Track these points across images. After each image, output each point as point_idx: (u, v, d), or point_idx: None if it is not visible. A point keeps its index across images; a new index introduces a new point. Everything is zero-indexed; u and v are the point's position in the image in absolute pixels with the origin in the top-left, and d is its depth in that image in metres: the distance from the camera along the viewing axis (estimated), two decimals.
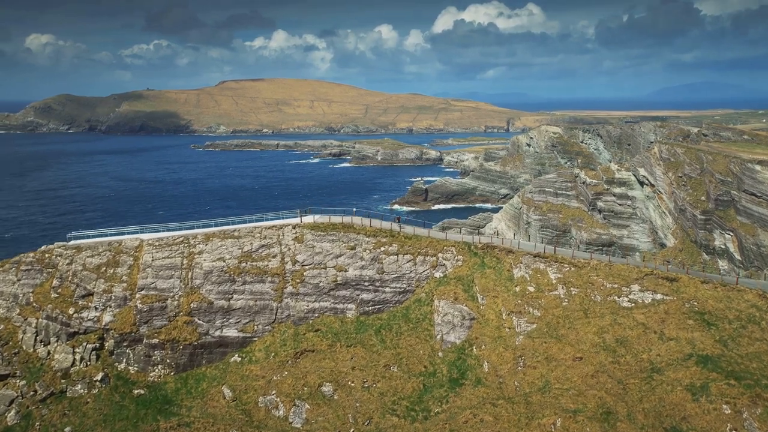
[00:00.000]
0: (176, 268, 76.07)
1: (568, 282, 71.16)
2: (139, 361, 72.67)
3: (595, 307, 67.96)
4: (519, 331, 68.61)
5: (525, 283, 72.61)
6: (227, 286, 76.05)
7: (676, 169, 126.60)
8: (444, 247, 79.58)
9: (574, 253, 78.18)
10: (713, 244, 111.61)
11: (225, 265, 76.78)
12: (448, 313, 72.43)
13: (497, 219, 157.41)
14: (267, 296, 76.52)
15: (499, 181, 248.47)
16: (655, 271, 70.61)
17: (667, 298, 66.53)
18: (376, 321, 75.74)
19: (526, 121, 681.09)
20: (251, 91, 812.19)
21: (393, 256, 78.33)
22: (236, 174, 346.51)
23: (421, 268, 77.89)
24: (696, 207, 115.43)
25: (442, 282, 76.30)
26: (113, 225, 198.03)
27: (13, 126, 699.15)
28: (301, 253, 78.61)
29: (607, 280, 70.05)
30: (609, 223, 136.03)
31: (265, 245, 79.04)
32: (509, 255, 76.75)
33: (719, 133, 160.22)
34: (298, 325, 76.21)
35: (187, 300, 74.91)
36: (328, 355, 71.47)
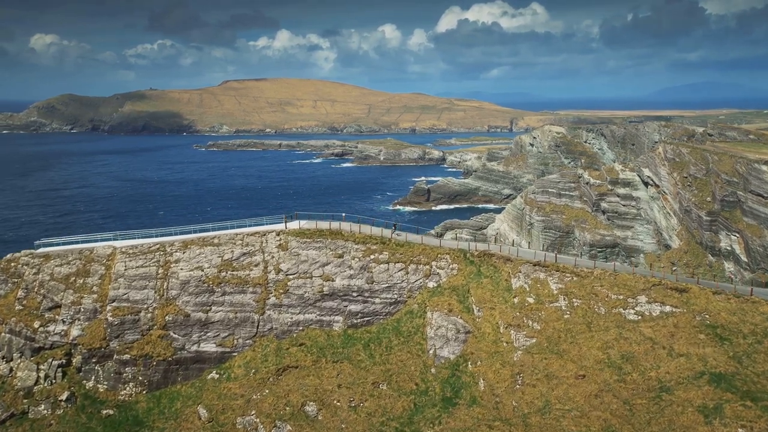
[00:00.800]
0: (151, 277, 71.78)
1: (570, 293, 67.04)
2: (108, 379, 68.12)
3: (599, 320, 63.86)
4: (517, 345, 64.46)
5: (524, 294, 68.50)
6: (205, 297, 71.87)
7: (681, 170, 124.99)
8: (438, 254, 75.32)
9: (576, 262, 73.94)
10: (719, 245, 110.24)
11: (203, 274, 72.64)
12: (441, 326, 68.37)
13: (500, 220, 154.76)
14: (248, 308, 72.37)
15: (502, 182, 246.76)
16: (664, 281, 66.40)
17: (676, 310, 62.48)
18: (365, 334, 71.52)
19: (530, 120, 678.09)
20: (254, 90, 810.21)
21: (383, 265, 74.26)
22: (238, 174, 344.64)
23: (413, 277, 73.88)
24: (701, 208, 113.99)
25: (436, 292, 72.18)
26: (113, 226, 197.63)
27: (17, 126, 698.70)
28: (285, 262, 74.51)
29: (612, 291, 65.83)
30: (613, 224, 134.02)
31: (246, 253, 74.91)
32: (507, 263, 72.51)
33: (725, 132, 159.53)
34: (281, 338, 72.01)
35: (162, 312, 70.62)
36: (312, 371, 66.97)
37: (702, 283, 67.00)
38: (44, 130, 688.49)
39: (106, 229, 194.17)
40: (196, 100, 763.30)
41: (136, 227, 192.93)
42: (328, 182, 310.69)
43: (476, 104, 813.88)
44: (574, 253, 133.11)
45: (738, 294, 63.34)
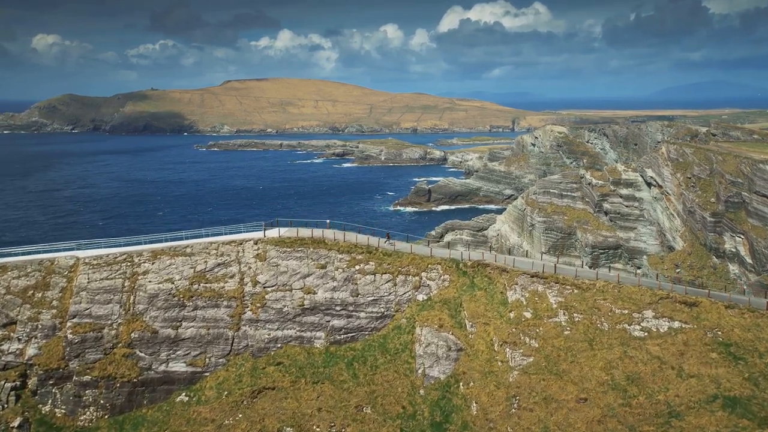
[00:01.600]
0: (116, 291, 66.82)
1: (571, 307, 62.18)
2: (67, 403, 62.88)
3: (602, 337, 58.95)
4: (513, 365, 59.33)
5: (521, 308, 63.57)
6: (175, 312, 66.96)
7: (684, 170, 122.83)
8: (428, 264, 70.36)
9: (577, 272, 68.75)
10: (723, 247, 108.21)
11: (173, 287, 67.74)
12: (431, 342, 63.36)
13: (500, 221, 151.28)
14: (222, 323, 67.52)
15: (504, 182, 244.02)
16: (672, 294, 61.62)
17: (686, 326, 57.81)
18: (349, 352, 66.57)
19: (532, 120, 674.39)
20: (255, 90, 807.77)
21: (369, 276, 69.41)
22: (239, 175, 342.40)
23: (401, 289, 69.05)
24: (705, 209, 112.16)
25: (426, 306, 67.15)
26: (112, 227, 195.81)
27: (18, 126, 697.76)
28: (263, 273, 69.74)
29: (616, 305, 60.96)
30: (615, 226, 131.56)
31: (221, 264, 70.14)
32: (503, 274, 67.49)
33: (728, 132, 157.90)
34: (258, 357, 67.03)
35: (128, 329, 65.57)
36: (290, 393, 61.88)
37: (713, 296, 62.43)
38: (45, 130, 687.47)
39: (105, 230, 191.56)
40: (197, 100, 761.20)
41: (136, 228, 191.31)
42: (328, 182, 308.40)
43: (478, 104, 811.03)
44: (575, 254, 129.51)
45: (752, 308, 58.63)
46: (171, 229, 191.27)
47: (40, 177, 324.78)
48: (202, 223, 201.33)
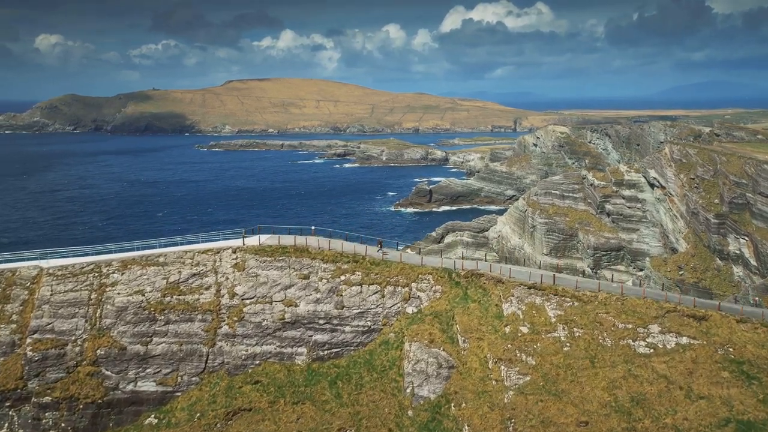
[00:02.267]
0: (81, 304, 62.64)
1: (571, 321, 58.33)
2: (25, 426, 58.70)
3: (605, 354, 55.01)
4: (509, 384, 55.12)
5: (517, 322, 59.57)
6: (145, 327, 62.83)
7: (688, 171, 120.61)
8: (419, 275, 66.48)
9: (578, 283, 64.54)
10: (727, 249, 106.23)
11: (144, 299, 63.67)
12: (421, 359, 59.20)
13: (501, 222, 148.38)
14: (196, 339, 63.43)
15: (505, 182, 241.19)
16: (679, 307, 57.64)
17: (694, 342, 54.04)
18: (332, 369, 62.55)
19: (534, 120, 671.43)
20: (257, 90, 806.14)
21: (356, 287, 65.62)
22: (239, 175, 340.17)
23: (390, 301, 65.10)
24: (709, 210, 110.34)
25: (416, 319, 63.08)
26: (111, 228, 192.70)
27: (19, 126, 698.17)
28: (241, 284, 65.92)
29: (619, 319, 57.04)
30: (618, 227, 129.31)
31: (197, 274, 66.16)
32: (498, 286, 63.36)
33: (732, 132, 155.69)
34: (234, 375, 62.91)
35: (93, 345, 61.38)
36: (268, 415, 57.86)
37: (724, 309, 58.51)
38: (47, 130, 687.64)
39: (104, 231, 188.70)
40: (199, 100, 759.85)
41: (135, 229, 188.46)
42: (329, 183, 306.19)
43: (480, 104, 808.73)
44: (577, 256, 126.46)
45: (766, 323, 54.82)
46: (172, 230, 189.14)
47: (40, 177, 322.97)
48: (203, 224, 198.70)
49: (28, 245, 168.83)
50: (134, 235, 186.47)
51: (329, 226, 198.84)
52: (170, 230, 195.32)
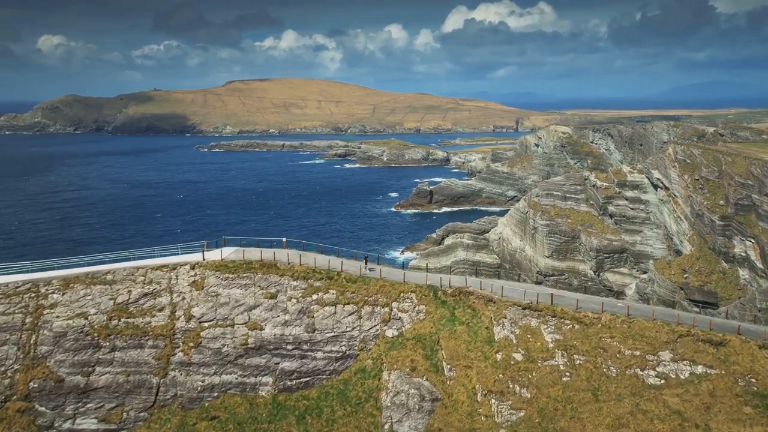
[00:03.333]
0: (13, 329, 55.35)
1: (571, 347, 52.57)
2: None
3: (609, 386, 49.52)
4: (500, 420, 49.26)
5: (510, 348, 53.43)
6: (87, 355, 55.61)
7: (692, 172, 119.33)
8: (401, 293, 60.35)
9: (578, 303, 58.37)
10: (733, 251, 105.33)
11: (87, 323, 56.51)
12: (401, 390, 52.99)
13: (502, 224, 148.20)
14: (145, 368, 56.47)
15: (507, 183, 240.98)
16: (694, 330, 52.36)
17: (711, 371, 48.79)
18: (301, 402, 56.67)
19: (536, 120, 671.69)
20: (258, 91, 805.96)
21: (329, 308, 59.38)
22: (239, 176, 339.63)
23: (367, 323, 59.06)
24: (714, 212, 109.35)
25: (396, 344, 56.95)
26: (111, 230, 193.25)
27: (21, 127, 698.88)
28: (199, 305, 59.15)
29: (626, 344, 51.49)
30: (621, 229, 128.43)
31: (149, 293, 59.29)
32: (489, 305, 57.36)
33: (736, 132, 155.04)
34: (188, 409, 56.45)
35: (26, 377, 54.42)
36: None
37: (744, 332, 52.86)
38: (48, 131, 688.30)
39: (102, 233, 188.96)
40: (200, 101, 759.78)
41: (134, 231, 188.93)
42: (329, 184, 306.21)
43: (481, 104, 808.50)
44: (580, 258, 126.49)
45: None
46: (170, 233, 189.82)
47: (40, 178, 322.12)
48: (202, 226, 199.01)
49: (25, 248, 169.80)
50: (134, 237, 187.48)
51: (330, 227, 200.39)
52: (171, 231, 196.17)
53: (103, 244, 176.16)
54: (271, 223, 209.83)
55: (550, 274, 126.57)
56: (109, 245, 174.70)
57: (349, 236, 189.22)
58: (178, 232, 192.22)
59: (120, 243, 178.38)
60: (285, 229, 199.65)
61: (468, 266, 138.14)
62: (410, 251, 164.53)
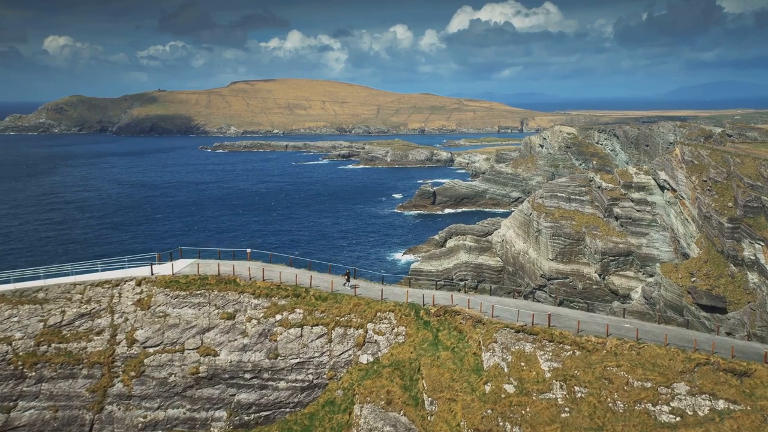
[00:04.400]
0: None
1: (571, 377, 46.20)
2: None
3: (616, 424, 43.28)
4: None
5: (500, 378, 46.96)
6: (9, 387, 48.97)
7: (700, 173, 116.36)
8: (378, 312, 53.97)
9: (580, 325, 51.21)
10: (742, 254, 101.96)
11: (10, 350, 49.83)
12: (374, 428, 46.57)
13: (505, 226, 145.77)
14: (78, 402, 49.94)
15: (511, 184, 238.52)
16: (714, 358, 45.70)
17: (735, 407, 42.64)
18: None
19: (541, 121, 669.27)
20: (263, 92, 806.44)
21: (295, 329, 52.96)
22: (241, 177, 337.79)
23: (339, 347, 52.74)
24: (722, 214, 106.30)
25: (371, 372, 50.55)
26: (111, 232, 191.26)
27: (25, 127, 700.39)
28: (144, 327, 52.62)
29: (635, 375, 45.05)
30: (626, 231, 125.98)
31: (86, 314, 52.49)
32: (478, 327, 50.98)
33: (745, 133, 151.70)
34: None
35: None
36: None
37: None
38: (53, 131, 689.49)
39: (103, 236, 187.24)
40: (204, 102, 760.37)
41: (134, 233, 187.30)
42: (332, 184, 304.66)
43: (486, 104, 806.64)
44: (584, 261, 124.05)
45: None
46: (171, 234, 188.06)
47: (43, 180, 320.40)
48: (204, 229, 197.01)
49: (24, 251, 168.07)
50: (134, 239, 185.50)
51: (331, 229, 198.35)
52: (171, 232, 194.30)
53: (102, 246, 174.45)
54: (272, 225, 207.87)
55: (554, 278, 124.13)
56: (110, 246, 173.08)
57: (352, 237, 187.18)
58: (178, 234, 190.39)
59: (119, 245, 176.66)
60: (286, 230, 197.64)
61: (470, 269, 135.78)
62: (412, 253, 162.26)
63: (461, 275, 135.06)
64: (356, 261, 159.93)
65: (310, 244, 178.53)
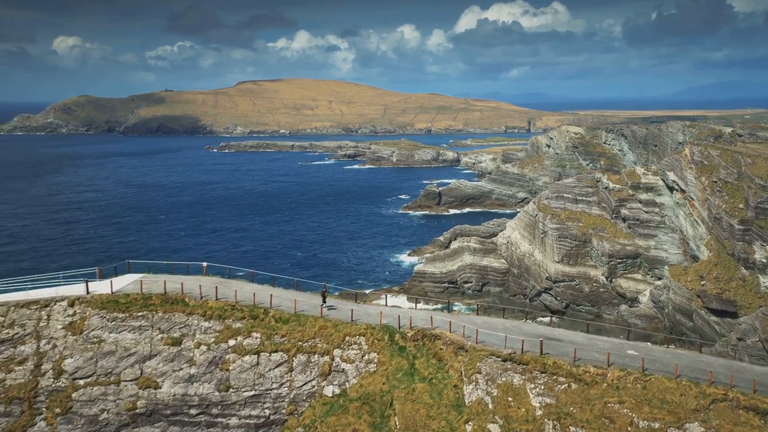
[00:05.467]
0: None
1: (566, 415, 40.32)
2: None
3: None
4: None
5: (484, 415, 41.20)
6: None
7: (710, 173, 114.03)
8: (347, 336, 47.84)
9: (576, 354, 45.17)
10: (753, 257, 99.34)
11: None
12: None
13: (510, 227, 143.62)
14: None
15: (517, 184, 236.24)
16: (732, 393, 40.10)
17: None
18: None
19: (548, 121, 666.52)
20: (269, 92, 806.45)
21: (250, 357, 46.68)
22: (246, 177, 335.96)
23: (300, 377, 46.46)
24: (733, 216, 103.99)
25: (337, 406, 44.88)
26: (111, 234, 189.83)
27: (33, 127, 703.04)
28: (74, 355, 46.19)
29: (640, 413, 39.15)
30: (634, 233, 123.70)
31: (7, 340, 46.15)
32: (460, 354, 44.89)
33: (756, 133, 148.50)
34: None
35: None
36: None
37: None
38: (60, 131, 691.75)
39: (103, 232, 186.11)
40: (211, 102, 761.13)
41: (136, 236, 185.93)
42: (337, 185, 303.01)
43: (493, 104, 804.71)
44: (591, 264, 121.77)
45: None
46: (173, 235, 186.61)
47: (49, 180, 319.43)
48: (206, 231, 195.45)
49: (20, 257, 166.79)
50: (134, 241, 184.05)
51: (335, 230, 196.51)
52: (174, 233, 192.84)
53: (101, 248, 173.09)
54: (276, 225, 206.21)
55: (560, 280, 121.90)
56: (110, 248, 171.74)
57: (356, 238, 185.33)
58: (182, 235, 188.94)
59: (119, 247, 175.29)
60: (290, 231, 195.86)
61: (475, 271, 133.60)
62: (416, 255, 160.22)
63: (465, 277, 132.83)
64: (360, 263, 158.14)
65: (314, 246, 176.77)
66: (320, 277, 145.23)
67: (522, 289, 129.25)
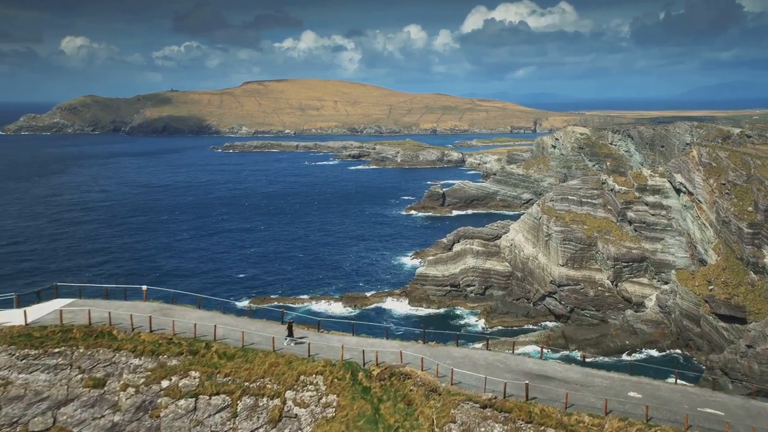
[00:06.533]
0: None
1: None
2: None
3: None
4: None
5: None
6: None
7: (718, 175, 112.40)
8: (301, 374, 41.15)
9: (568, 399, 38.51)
10: (762, 261, 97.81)
11: None
12: None
13: (514, 230, 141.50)
14: None
15: (522, 185, 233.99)
16: None
17: None
18: None
19: (554, 121, 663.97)
20: (275, 92, 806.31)
21: (186, 400, 40.17)
22: (249, 178, 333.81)
23: (245, 424, 39.78)
24: (742, 219, 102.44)
25: None
26: (112, 233, 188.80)
27: (39, 127, 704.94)
28: None
29: None
30: (640, 236, 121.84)
31: None
32: (432, 398, 38.45)
33: (765, 134, 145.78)
34: None
35: None
36: None
37: None
38: (66, 131, 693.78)
39: (105, 236, 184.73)
40: (217, 102, 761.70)
41: (137, 238, 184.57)
42: (341, 185, 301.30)
43: (499, 105, 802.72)
44: (596, 267, 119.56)
45: None
46: (174, 236, 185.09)
47: (54, 180, 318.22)
48: (209, 232, 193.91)
49: (20, 258, 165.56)
50: (135, 243, 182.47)
51: (339, 232, 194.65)
52: (176, 234, 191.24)
53: (102, 252, 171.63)
54: (279, 227, 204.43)
55: (564, 284, 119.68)
56: (110, 251, 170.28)
57: (359, 240, 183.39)
58: (185, 237, 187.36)
59: (119, 248, 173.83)
60: (292, 233, 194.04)
61: (477, 275, 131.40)
62: (419, 257, 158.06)
63: (468, 281, 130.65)
64: (362, 265, 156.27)
65: (317, 247, 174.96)
66: (321, 279, 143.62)
67: (525, 293, 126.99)
